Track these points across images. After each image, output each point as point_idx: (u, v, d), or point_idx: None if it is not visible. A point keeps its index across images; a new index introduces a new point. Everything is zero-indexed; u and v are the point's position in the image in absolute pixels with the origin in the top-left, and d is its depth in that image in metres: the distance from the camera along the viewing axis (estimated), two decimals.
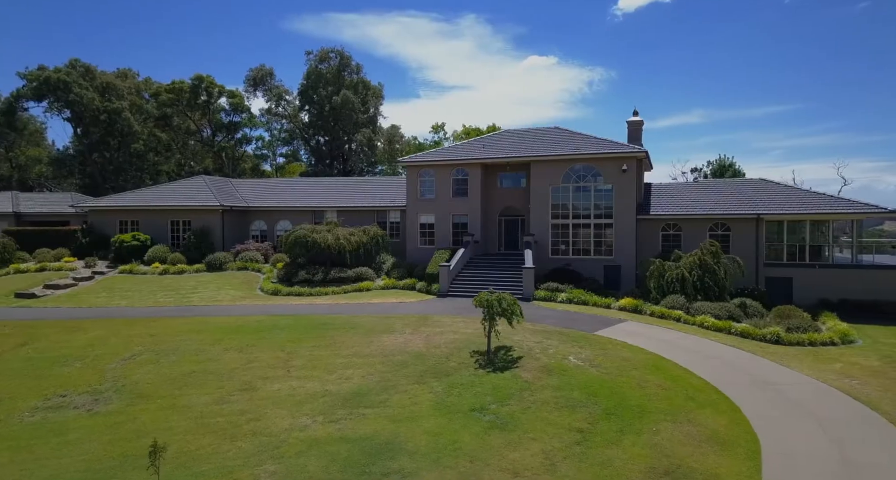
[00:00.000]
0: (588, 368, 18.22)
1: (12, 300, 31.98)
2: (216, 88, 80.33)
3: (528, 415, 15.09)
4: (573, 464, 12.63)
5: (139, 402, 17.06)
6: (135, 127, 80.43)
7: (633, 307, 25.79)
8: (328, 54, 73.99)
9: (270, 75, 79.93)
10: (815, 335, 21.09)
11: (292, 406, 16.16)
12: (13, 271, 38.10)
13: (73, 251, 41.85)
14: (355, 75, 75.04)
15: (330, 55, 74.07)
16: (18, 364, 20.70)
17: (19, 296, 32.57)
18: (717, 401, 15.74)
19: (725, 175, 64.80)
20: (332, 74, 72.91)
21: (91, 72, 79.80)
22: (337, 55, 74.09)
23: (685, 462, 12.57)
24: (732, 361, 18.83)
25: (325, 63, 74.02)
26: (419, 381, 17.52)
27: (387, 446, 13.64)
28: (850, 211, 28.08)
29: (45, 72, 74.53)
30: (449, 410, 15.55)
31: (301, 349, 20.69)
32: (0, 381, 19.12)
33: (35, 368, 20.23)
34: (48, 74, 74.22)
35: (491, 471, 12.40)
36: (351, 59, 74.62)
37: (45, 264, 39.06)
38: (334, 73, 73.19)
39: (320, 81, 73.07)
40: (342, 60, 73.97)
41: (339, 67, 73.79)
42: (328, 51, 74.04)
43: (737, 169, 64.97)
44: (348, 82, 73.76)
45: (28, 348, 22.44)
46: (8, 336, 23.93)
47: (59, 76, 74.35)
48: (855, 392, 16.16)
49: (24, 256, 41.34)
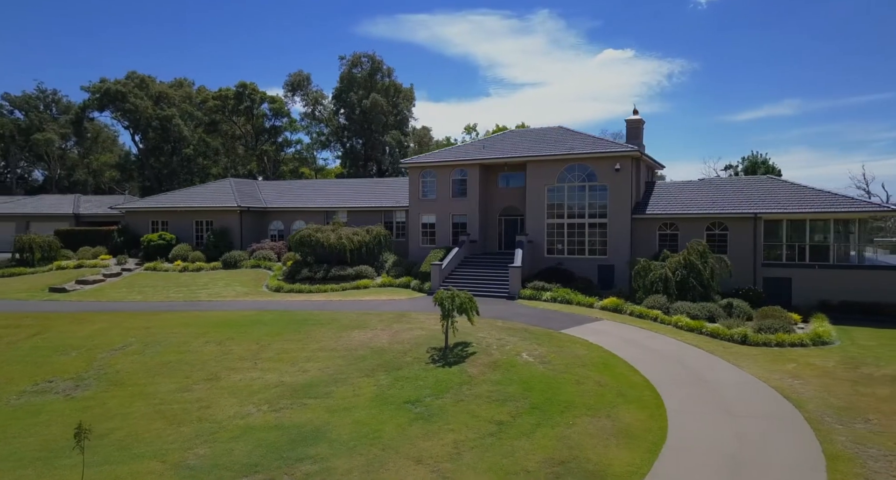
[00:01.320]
0: (536, 364, 18.52)
1: (46, 294, 34.54)
2: (258, 94, 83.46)
3: (458, 408, 15.59)
4: (477, 454, 13.08)
5: (113, 389, 18.45)
6: (185, 133, 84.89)
7: (615, 307, 25.75)
8: (360, 59, 75.78)
9: (307, 80, 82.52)
10: (785, 335, 20.64)
11: (245, 396, 17.18)
12: (55, 267, 41.02)
13: (109, 250, 44.75)
14: (387, 79, 76.55)
15: (362, 59, 75.84)
16: (24, 352, 22.59)
17: (53, 290, 35.17)
18: (647, 398, 15.81)
19: (757, 172, 62.72)
20: (363, 77, 74.61)
21: (146, 82, 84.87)
22: (369, 59, 75.76)
23: (583, 454, 12.83)
24: (684, 360, 18.72)
25: (357, 67, 75.84)
26: (369, 374, 18.25)
27: (313, 434, 14.43)
28: (851, 210, 27.09)
29: (106, 84, 79.82)
30: (385, 402, 16.22)
31: (274, 343, 21.78)
32: (2, 367, 21.01)
33: (37, 356, 22.04)
34: (108, 86, 79.42)
35: (397, 458, 13.00)
36: (382, 62, 76.18)
37: (83, 261, 41.90)
38: (366, 77, 74.87)
39: (353, 85, 74.95)
40: (373, 63, 75.57)
41: (371, 70, 75.41)
42: (360, 55, 75.84)
43: (770, 166, 62.71)
44: (380, 86, 75.34)
45: (38, 337, 24.40)
46: (26, 327, 26.02)
47: (117, 87, 79.66)
48: (789, 392, 15.89)
49: (68, 253, 44.39)
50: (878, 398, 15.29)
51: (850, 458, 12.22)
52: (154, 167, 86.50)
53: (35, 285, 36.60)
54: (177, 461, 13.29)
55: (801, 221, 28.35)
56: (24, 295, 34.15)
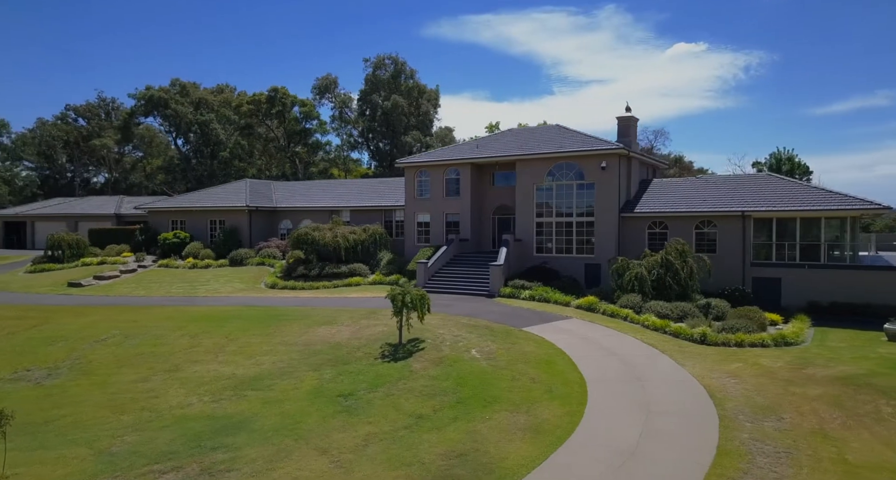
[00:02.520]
0: (480, 360, 18.53)
1: (64, 288, 36.35)
2: (289, 98, 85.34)
3: (386, 402, 15.79)
4: (383, 446, 13.26)
5: (80, 378, 19.39)
6: (221, 136, 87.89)
7: (589, 306, 25.42)
8: (384, 61, 76.56)
9: (335, 84, 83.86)
10: (745, 336, 20.02)
11: (194, 387, 17.80)
12: (80, 263, 43.11)
13: (132, 247, 46.70)
14: (410, 80, 77.10)
15: (385, 62, 76.60)
16: (18, 342, 23.91)
17: (70, 285, 36.98)
18: (574, 394, 15.64)
19: (783, 169, 60.38)
20: (386, 80, 75.38)
21: (187, 89, 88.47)
22: (392, 61, 76.46)
23: (484, 447, 12.85)
24: (630, 358, 18.38)
25: (381, 70, 76.64)
26: (317, 368, 18.63)
27: (239, 424, 14.89)
28: (842, 207, 25.94)
29: (150, 91, 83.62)
30: (320, 395, 16.56)
31: (242, 337, 22.41)
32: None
33: (27, 346, 23.31)
34: (152, 93, 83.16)
35: (305, 449, 13.30)
36: (405, 64, 76.76)
37: (106, 258, 43.91)
38: (389, 79, 75.61)
39: (377, 87, 75.84)
40: (397, 65, 76.21)
41: (395, 72, 76.09)
42: (384, 58, 76.63)
43: (796, 162, 60.25)
44: (404, 87, 75.96)
45: (36, 329, 25.75)
46: (29, 319, 27.49)
47: (160, 94, 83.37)
48: (718, 391, 15.48)
49: (96, 251, 46.57)
50: (804, 398, 14.76)
51: (741, 454, 11.99)
52: (195, 169, 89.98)
53: (58, 280, 38.52)
54: (103, 448, 13.92)
55: (790, 219, 27.32)
56: (45, 289, 36.05)
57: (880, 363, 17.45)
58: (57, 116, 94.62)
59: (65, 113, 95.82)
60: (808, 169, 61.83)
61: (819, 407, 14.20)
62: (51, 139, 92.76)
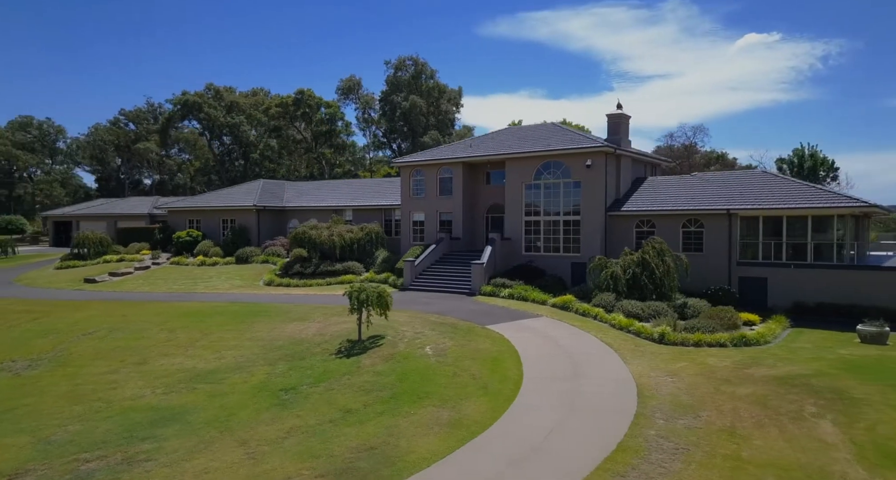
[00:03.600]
0: (430, 357, 18.57)
1: (80, 284, 37.88)
2: (315, 100, 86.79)
3: (323, 396, 16.02)
4: (302, 439, 13.48)
5: (56, 369, 20.25)
6: (250, 138, 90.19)
7: (563, 304, 25.15)
8: (404, 62, 77.06)
9: (359, 85, 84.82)
10: (704, 336, 19.49)
11: (153, 379, 18.40)
12: (102, 261, 44.89)
13: (151, 245, 48.35)
14: (431, 80, 77.36)
15: (406, 63, 77.07)
16: (15, 334, 25.09)
17: (86, 281, 38.50)
18: (506, 392, 15.53)
19: (805, 166, 58.14)
20: (406, 80, 75.83)
21: (220, 93, 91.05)
22: (412, 62, 76.88)
23: (396, 441, 12.92)
24: (578, 357, 18.12)
25: (402, 71, 77.16)
26: (272, 363, 19.01)
27: (177, 415, 15.35)
28: (827, 205, 24.92)
29: (186, 96, 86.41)
30: (264, 389, 16.92)
31: (217, 332, 23.02)
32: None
33: (21, 338, 24.43)
34: (187, 98, 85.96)
35: (227, 440, 13.64)
36: (426, 65, 77.07)
37: (125, 255, 45.59)
38: (409, 79, 76.05)
39: (399, 88, 76.39)
40: (417, 66, 76.58)
41: (415, 73, 76.49)
42: (404, 59, 77.17)
43: (820, 158, 57.85)
44: (424, 87, 76.28)
45: (35, 322, 26.97)
46: (33, 313, 28.80)
47: (195, 99, 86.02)
48: (649, 389, 15.21)
49: (119, 249, 48.39)
50: (731, 397, 14.39)
51: (638, 450, 11.84)
52: (229, 171, 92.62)
53: (78, 276, 40.16)
54: (46, 436, 14.54)
55: (777, 217, 26.39)
56: (62, 284, 37.69)
57: (832, 364, 16.79)
58: (110, 120, 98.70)
59: (117, 118, 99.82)
60: (833, 166, 59.39)
61: (741, 406, 13.82)
62: (103, 143, 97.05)
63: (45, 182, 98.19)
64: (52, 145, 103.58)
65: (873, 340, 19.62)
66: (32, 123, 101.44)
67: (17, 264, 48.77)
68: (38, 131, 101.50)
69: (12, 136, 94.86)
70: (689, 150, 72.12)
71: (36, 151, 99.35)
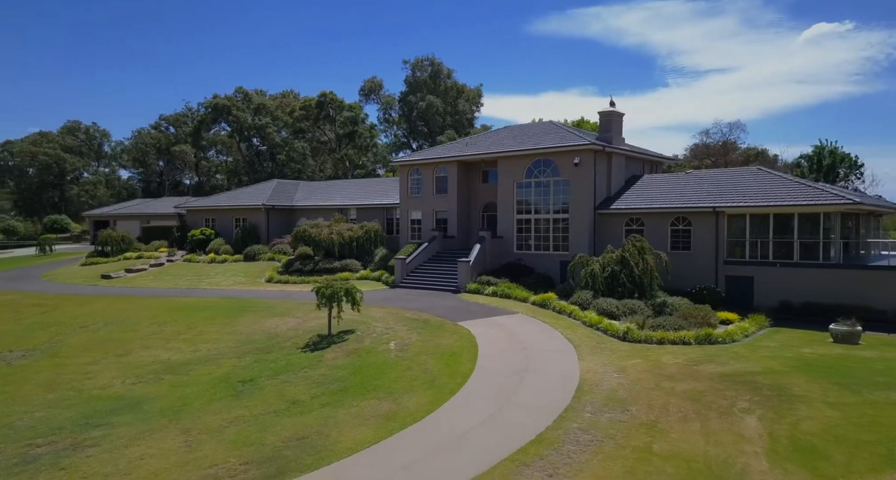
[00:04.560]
0: (392, 352, 18.81)
1: (96, 280, 39.33)
2: (337, 102, 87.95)
3: (276, 388, 16.42)
4: (241, 428, 13.87)
5: (46, 359, 21.18)
6: (276, 139, 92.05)
7: (542, 302, 25.07)
8: (422, 62, 77.43)
9: (380, 86, 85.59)
10: (668, 333, 19.24)
11: (126, 370, 19.10)
12: (122, 258, 46.55)
13: (169, 243, 49.90)
14: (448, 80, 77.56)
15: (423, 63, 77.42)
16: (20, 327, 26.27)
17: (103, 277, 39.95)
18: (452, 386, 15.64)
19: (824, 163, 56.28)
20: (424, 80, 76.22)
21: (249, 96, 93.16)
22: (430, 62, 77.20)
23: (328, 431, 13.19)
24: (536, 353, 18.07)
25: (420, 71, 77.55)
26: (241, 356, 19.53)
27: (135, 404, 15.94)
28: (813, 203, 24.20)
29: (216, 99, 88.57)
30: (224, 380, 17.41)
31: (201, 326, 23.72)
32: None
33: (25, 330, 25.59)
34: (217, 101, 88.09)
35: (172, 429, 14.13)
36: (442, 65, 77.36)
37: (143, 253, 47.12)
38: (427, 80, 76.40)
39: (417, 89, 76.82)
40: (433, 66, 76.86)
41: (432, 73, 76.79)
42: (422, 59, 77.51)
43: (840, 154, 55.84)
44: (442, 87, 76.52)
45: (43, 315, 28.18)
46: (43, 306, 30.11)
47: (224, 102, 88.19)
48: (591, 384, 15.20)
49: (140, 246, 50.14)
50: (668, 393, 14.28)
51: (554, 442, 11.91)
52: (257, 171, 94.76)
53: (98, 272, 41.71)
54: (10, 422, 15.26)
55: (763, 215, 25.76)
56: (80, 280, 39.22)
57: (787, 363, 16.46)
58: (152, 125, 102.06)
59: (158, 123, 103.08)
60: (856, 162, 57.29)
61: (674, 401, 13.71)
62: (144, 147, 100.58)
63: (91, 184, 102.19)
64: (98, 149, 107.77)
65: (844, 339, 19.06)
66: (80, 128, 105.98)
67: (52, 260, 50.99)
68: (84, 135, 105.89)
69: (62, 140, 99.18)
70: (726, 147, 70.30)
71: (83, 154, 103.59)
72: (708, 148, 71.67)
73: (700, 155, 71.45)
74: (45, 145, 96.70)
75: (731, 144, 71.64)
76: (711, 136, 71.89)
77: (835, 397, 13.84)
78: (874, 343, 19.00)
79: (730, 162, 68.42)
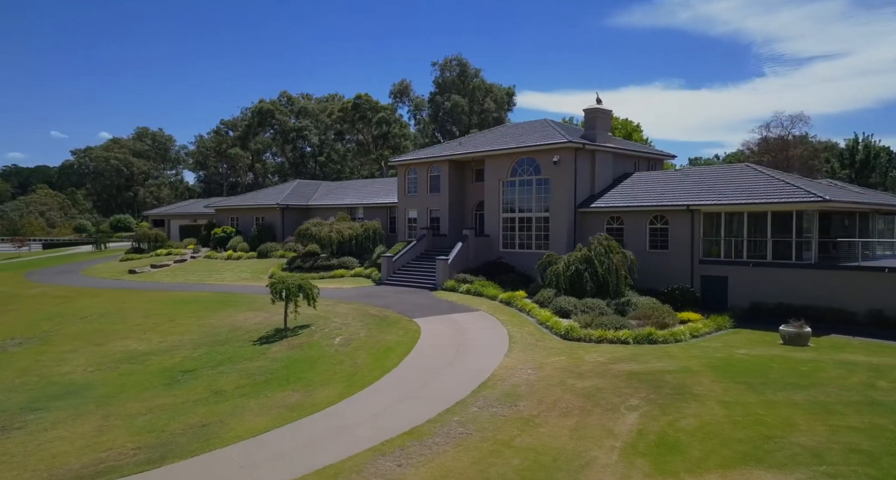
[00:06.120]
0: (334, 346, 19.18)
1: (123, 274, 41.49)
2: (372, 103, 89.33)
3: (210, 378, 17.08)
4: (156, 416, 14.51)
5: (37, 346, 22.64)
6: (314, 141, 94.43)
7: (508, 300, 24.89)
8: (450, 62, 77.60)
9: (409, 88, 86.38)
10: (606, 332, 18.81)
11: (95, 358, 20.25)
12: (154, 254, 48.97)
13: (199, 241, 52.17)
14: (475, 79, 77.42)
15: (452, 63, 77.58)
16: (34, 317, 28.04)
17: (130, 272, 42.15)
18: (366, 380, 15.77)
19: (856, 157, 52.97)
20: (450, 81, 76.38)
21: (292, 100, 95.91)
22: (457, 62, 77.29)
23: (228, 420, 13.63)
24: (468, 349, 17.95)
25: (449, 72, 77.74)
26: (196, 347, 20.37)
27: (79, 390, 16.91)
28: (784, 201, 23.03)
29: (261, 103, 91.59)
30: (170, 369, 18.22)
31: (180, 318, 24.79)
32: (6, 325, 26.52)
33: (35, 319, 27.38)
34: (262, 105, 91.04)
35: (95, 414, 14.90)
36: (469, 65, 77.17)
37: (172, 249, 49.47)
38: (455, 79, 76.53)
39: (446, 89, 77.08)
40: (461, 66, 76.89)
41: (460, 73, 76.84)
42: (450, 59, 77.69)
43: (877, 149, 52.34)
44: (471, 86, 76.47)
45: (58, 306, 29.98)
46: (63, 298, 32.05)
47: (268, 106, 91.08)
48: (499, 380, 15.10)
49: (173, 243, 52.71)
50: (567, 389, 14.13)
51: (425, 433, 12.07)
52: (301, 173, 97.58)
53: (129, 267, 44.04)
54: None
55: (738, 213, 24.71)
56: (109, 275, 41.48)
57: (709, 363, 15.90)
58: (213, 130, 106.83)
59: (219, 127, 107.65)
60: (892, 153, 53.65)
61: (567, 398, 13.51)
62: (205, 150, 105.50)
63: (156, 185, 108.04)
64: (164, 153, 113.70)
65: (792, 341, 18.16)
66: (148, 133, 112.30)
67: (102, 256, 54.00)
68: (151, 141, 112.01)
69: (133, 145, 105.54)
70: (786, 142, 66.48)
71: (150, 158, 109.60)
72: (768, 143, 67.10)
73: (759, 151, 67.12)
74: (117, 151, 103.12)
75: (801, 137, 66.48)
76: (772, 129, 67.39)
77: (733, 396, 13.32)
78: (823, 346, 18.02)
79: (791, 157, 64.27)
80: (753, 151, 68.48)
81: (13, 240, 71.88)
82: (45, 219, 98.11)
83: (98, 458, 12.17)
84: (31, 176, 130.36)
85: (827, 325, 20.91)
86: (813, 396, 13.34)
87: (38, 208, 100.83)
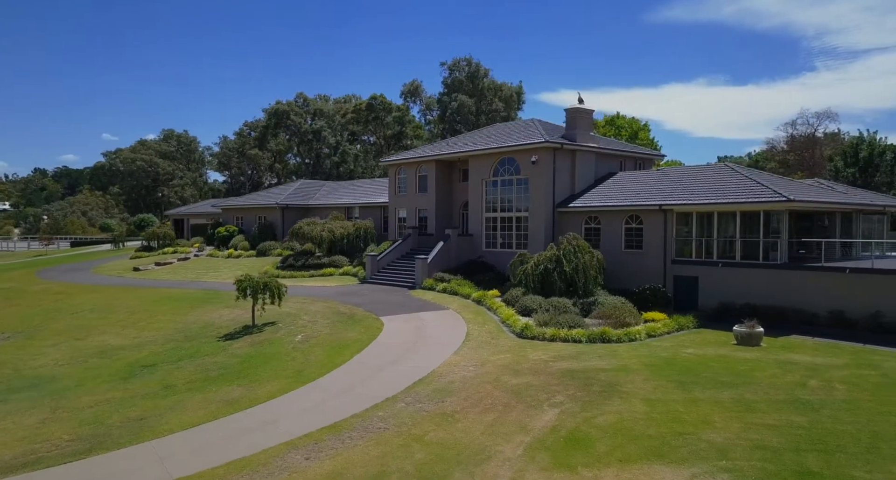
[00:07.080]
0: (295, 343, 19.39)
1: (128, 272, 42.40)
2: (386, 104, 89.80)
3: (167, 373, 17.43)
4: (102, 408, 14.87)
5: (22, 340, 23.36)
6: (329, 141, 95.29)
7: (479, 299, 24.89)
8: (459, 63, 77.55)
9: (420, 88, 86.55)
10: (559, 331, 18.70)
11: (70, 352, 20.82)
12: (162, 252, 50.04)
13: (205, 240, 53.11)
14: (485, 79, 77.26)
15: (461, 63, 77.52)
16: (30, 312, 28.94)
17: (135, 270, 43.12)
18: (312, 375, 16.01)
19: (860, 156, 51.49)
20: (460, 81, 76.34)
21: (308, 101, 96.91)
22: (467, 62, 77.21)
23: (166, 414, 13.95)
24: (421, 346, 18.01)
25: (458, 72, 77.69)
26: (166, 342, 20.79)
27: (42, 383, 17.40)
28: (751, 200, 22.60)
29: (278, 105, 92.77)
30: (132, 364, 18.63)
31: (161, 314, 25.30)
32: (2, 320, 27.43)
33: (30, 315, 28.21)
34: (277, 107, 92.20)
35: (47, 406, 15.32)
36: (479, 65, 77.01)
37: (178, 248, 50.44)
38: (463, 80, 76.47)
39: (455, 89, 77.08)
40: (471, 66, 76.79)
41: (469, 73, 76.76)
42: (459, 60, 77.61)
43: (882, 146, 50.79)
44: (481, 87, 76.32)
45: (57, 302, 30.83)
46: (64, 294, 32.92)
47: (284, 108, 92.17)
48: (439, 376, 15.25)
49: (181, 242, 53.75)
50: (498, 386, 14.20)
51: (344, 428, 12.30)
52: (316, 173, 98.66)
53: (133, 265, 45.09)
54: None
55: (709, 214, 24.34)
56: (115, 272, 42.42)
57: (649, 362, 15.87)
58: (236, 132, 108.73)
59: (242, 129, 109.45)
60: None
61: (495, 394, 13.56)
62: (228, 152, 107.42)
63: (180, 186, 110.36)
64: (189, 154, 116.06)
65: (745, 341, 17.88)
66: (173, 135, 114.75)
67: (116, 254, 55.16)
68: (176, 142, 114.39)
69: (159, 147, 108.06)
70: (813, 139, 64.14)
71: (175, 159, 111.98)
72: (794, 141, 65.51)
73: (786, 150, 65.12)
74: (143, 152, 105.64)
75: (832, 135, 63.85)
76: (797, 127, 65.15)
77: (660, 394, 13.21)
78: (775, 346, 17.70)
79: (817, 156, 62.06)
80: (778, 149, 66.62)
81: (41, 238, 74.05)
82: (87, 218, 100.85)
83: (31, 449, 12.54)
84: (80, 177, 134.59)
85: (790, 325, 20.54)
86: (740, 394, 13.17)
87: (81, 207, 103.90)
